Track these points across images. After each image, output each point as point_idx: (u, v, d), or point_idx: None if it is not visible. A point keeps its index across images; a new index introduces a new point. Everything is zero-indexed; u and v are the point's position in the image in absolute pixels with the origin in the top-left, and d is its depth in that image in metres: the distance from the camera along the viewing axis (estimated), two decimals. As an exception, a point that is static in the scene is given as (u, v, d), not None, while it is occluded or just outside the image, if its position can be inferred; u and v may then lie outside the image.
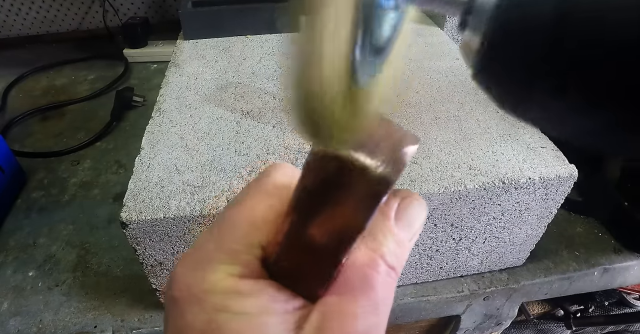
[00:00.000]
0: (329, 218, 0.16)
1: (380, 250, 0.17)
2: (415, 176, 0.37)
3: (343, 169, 0.15)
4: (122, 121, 0.72)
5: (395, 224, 0.17)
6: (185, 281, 0.16)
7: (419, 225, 0.18)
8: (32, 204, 0.57)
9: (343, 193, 0.15)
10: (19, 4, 0.95)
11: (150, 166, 0.38)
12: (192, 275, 0.16)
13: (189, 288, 0.16)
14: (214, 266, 0.16)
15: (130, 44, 0.88)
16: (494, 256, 0.46)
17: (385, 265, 0.17)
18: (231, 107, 0.46)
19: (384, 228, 0.17)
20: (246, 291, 0.15)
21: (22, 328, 0.43)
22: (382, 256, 0.17)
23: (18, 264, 0.49)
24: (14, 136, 0.70)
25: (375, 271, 0.16)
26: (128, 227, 0.34)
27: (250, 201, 0.18)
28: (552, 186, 0.39)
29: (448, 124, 0.43)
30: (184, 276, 0.16)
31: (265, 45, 0.59)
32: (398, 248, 0.17)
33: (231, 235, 0.17)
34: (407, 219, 0.18)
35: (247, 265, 0.16)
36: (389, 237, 0.17)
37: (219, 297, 0.15)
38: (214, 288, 0.15)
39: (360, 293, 0.16)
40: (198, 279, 0.16)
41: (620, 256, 0.51)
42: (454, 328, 0.56)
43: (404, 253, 0.18)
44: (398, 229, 0.17)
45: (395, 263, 0.17)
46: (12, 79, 0.83)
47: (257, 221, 0.17)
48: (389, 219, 0.17)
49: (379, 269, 0.16)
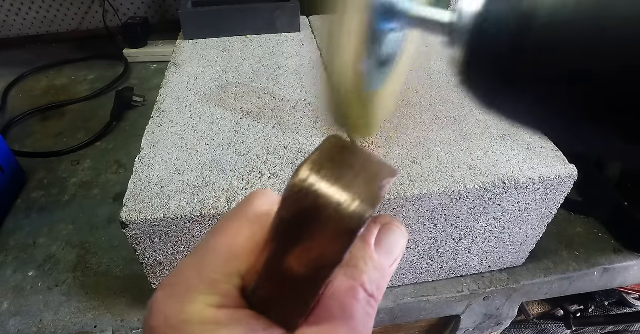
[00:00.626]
0: (306, 250, 0.15)
1: (361, 278, 0.17)
2: (415, 176, 0.37)
3: (317, 204, 0.15)
4: (122, 121, 0.72)
5: (375, 250, 0.18)
6: (164, 311, 0.16)
7: (400, 251, 0.18)
8: (32, 204, 0.57)
9: (318, 227, 0.15)
10: (19, 4, 0.95)
11: (150, 166, 0.38)
12: (171, 305, 0.16)
13: (167, 318, 0.16)
14: (192, 296, 0.16)
15: (130, 44, 0.88)
16: (494, 256, 0.46)
17: (365, 293, 0.17)
18: (231, 107, 0.46)
19: (365, 255, 0.17)
20: (224, 322, 0.15)
21: (22, 328, 0.43)
22: (362, 285, 0.17)
23: (18, 264, 0.49)
24: (14, 136, 0.70)
25: (355, 299, 0.16)
26: (128, 227, 0.34)
27: (231, 229, 0.18)
28: (552, 186, 0.39)
29: (448, 124, 0.43)
30: (162, 305, 0.16)
31: (265, 45, 0.59)
32: (379, 275, 0.17)
33: (211, 264, 0.17)
34: (387, 246, 0.18)
35: (226, 295, 0.16)
36: (370, 264, 0.17)
37: (197, 328, 0.15)
38: (192, 319, 0.15)
39: (339, 322, 0.16)
40: (176, 310, 0.16)
41: (620, 256, 0.51)
42: (454, 328, 0.56)
43: (385, 279, 0.18)
44: (379, 256, 0.18)
45: (375, 291, 0.17)
46: (12, 79, 0.83)
47: (237, 250, 0.17)
48: (369, 246, 0.18)
49: (359, 297, 0.16)
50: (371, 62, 0.16)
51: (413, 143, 0.41)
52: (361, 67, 0.16)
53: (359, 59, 0.15)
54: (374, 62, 0.17)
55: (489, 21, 0.14)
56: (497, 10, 0.14)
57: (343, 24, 0.15)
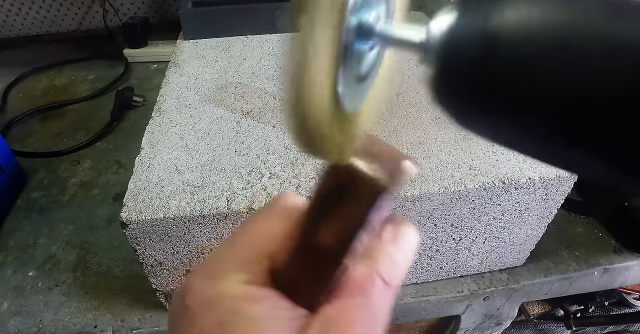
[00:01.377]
0: (336, 219, 0.18)
1: (377, 267, 0.18)
2: (415, 176, 0.37)
3: (353, 176, 0.17)
4: (122, 121, 0.72)
5: (390, 245, 0.19)
6: (199, 289, 0.18)
7: (411, 249, 0.20)
8: (32, 204, 0.57)
9: (349, 197, 0.17)
10: (19, 4, 0.95)
11: (150, 166, 0.38)
12: (205, 283, 0.18)
13: (202, 295, 0.17)
14: (225, 275, 0.18)
15: (130, 44, 0.88)
16: (494, 256, 0.46)
17: (381, 280, 0.18)
18: (231, 107, 0.46)
19: (380, 248, 0.19)
20: (255, 297, 0.17)
21: (22, 328, 0.43)
22: (378, 272, 0.18)
23: (18, 264, 0.49)
24: (14, 136, 0.70)
25: (372, 284, 0.18)
26: (128, 227, 0.34)
27: (263, 220, 0.20)
28: (552, 186, 0.39)
29: (448, 124, 0.43)
30: (197, 284, 0.18)
31: (265, 45, 0.59)
32: (393, 268, 0.19)
33: (243, 247, 0.19)
34: (401, 243, 0.20)
35: (255, 273, 0.18)
36: (385, 256, 0.19)
37: (229, 302, 0.17)
38: (225, 294, 0.17)
39: (358, 303, 0.17)
40: (210, 287, 0.17)
41: (620, 256, 0.51)
42: (454, 328, 0.56)
43: (398, 273, 0.19)
44: (393, 250, 0.19)
45: (390, 280, 0.18)
46: (12, 79, 0.83)
47: (267, 235, 0.19)
48: (385, 241, 0.19)
49: (375, 282, 0.18)
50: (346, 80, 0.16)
51: (413, 143, 0.41)
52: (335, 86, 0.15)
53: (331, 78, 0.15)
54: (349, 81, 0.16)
55: (454, 41, 0.14)
56: (463, 30, 0.14)
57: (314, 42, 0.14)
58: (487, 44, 0.14)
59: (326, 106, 0.15)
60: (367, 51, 0.17)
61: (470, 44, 0.14)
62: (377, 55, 0.18)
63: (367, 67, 0.18)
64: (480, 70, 0.14)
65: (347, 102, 0.16)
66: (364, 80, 0.18)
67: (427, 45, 0.15)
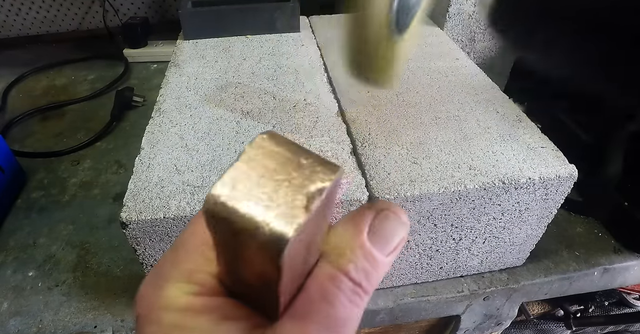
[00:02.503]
0: (248, 265, 0.14)
1: (345, 266, 0.16)
2: (415, 176, 0.37)
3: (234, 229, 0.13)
4: (122, 121, 0.72)
5: (368, 238, 0.16)
6: (146, 299, 0.16)
7: (398, 241, 0.17)
8: (32, 204, 0.57)
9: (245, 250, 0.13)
10: (19, 4, 0.95)
11: (150, 166, 0.38)
12: (152, 292, 0.16)
13: (149, 306, 0.16)
14: (170, 285, 0.16)
15: (130, 44, 0.88)
16: (494, 256, 0.46)
17: (350, 282, 0.16)
18: (231, 107, 0.46)
19: (354, 243, 0.16)
20: (200, 309, 0.15)
21: (22, 328, 0.43)
22: (347, 273, 0.16)
23: (18, 264, 0.49)
24: (14, 136, 0.70)
25: (337, 287, 0.15)
26: (128, 227, 0.34)
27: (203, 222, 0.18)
28: (552, 186, 0.39)
29: (448, 124, 0.43)
30: (145, 294, 0.17)
31: (265, 45, 0.59)
32: (369, 265, 0.16)
33: (186, 254, 0.17)
34: (382, 234, 0.16)
35: (201, 283, 0.16)
36: (358, 252, 0.16)
37: (174, 314, 0.15)
38: (169, 305, 0.16)
39: (319, 310, 0.15)
40: (156, 298, 0.16)
41: (620, 256, 0.51)
42: (454, 328, 0.56)
43: (378, 271, 0.16)
44: (372, 244, 0.16)
45: (364, 280, 0.16)
46: (12, 79, 0.83)
47: (209, 240, 0.16)
48: (361, 233, 0.16)
49: (341, 286, 0.15)
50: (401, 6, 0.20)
51: (413, 143, 0.41)
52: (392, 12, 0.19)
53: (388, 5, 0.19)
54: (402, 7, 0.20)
55: None
56: None
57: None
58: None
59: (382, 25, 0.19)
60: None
61: None
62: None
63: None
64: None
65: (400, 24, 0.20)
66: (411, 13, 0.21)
67: None
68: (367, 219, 0.17)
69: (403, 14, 0.21)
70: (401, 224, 0.17)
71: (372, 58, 0.19)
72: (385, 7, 0.19)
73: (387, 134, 0.42)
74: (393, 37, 0.21)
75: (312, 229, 0.14)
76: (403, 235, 0.17)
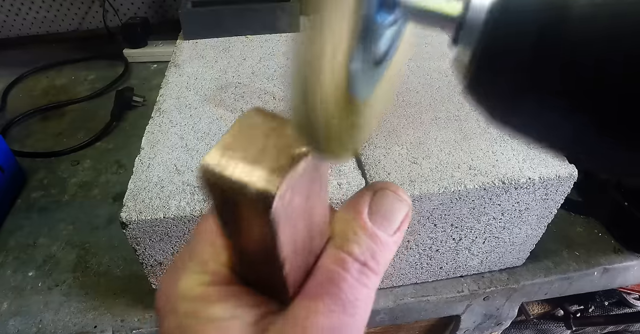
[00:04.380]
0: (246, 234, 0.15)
1: (348, 247, 0.16)
2: (415, 176, 0.37)
3: (229, 189, 0.13)
4: (122, 121, 0.72)
5: (368, 218, 0.16)
6: (164, 292, 0.17)
7: (401, 218, 0.17)
8: (32, 204, 0.57)
9: (241, 210, 0.14)
10: (19, 4, 0.95)
11: (150, 166, 0.38)
12: (170, 284, 0.17)
13: (168, 298, 0.17)
14: (186, 276, 0.16)
15: (130, 44, 0.88)
16: (494, 256, 0.46)
17: (356, 263, 0.16)
18: (231, 107, 0.46)
19: (355, 224, 0.16)
20: (214, 298, 0.16)
21: (22, 328, 0.43)
22: (351, 254, 0.16)
23: (18, 264, 0.49)
24: (14, 136, 0.70)
25: (342, 268, 0.16)
26: (128, 227, 0.34)
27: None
28: (552, 186, 0.39)
29: (448, 124, 0.43)
30: (163, 288, 0.17)
31: (265, 45, 0.59)
32: (373, 244, 0.16)
33: (200, 245, 0.17)
34: (382, 213, 0.16)
35: (216, 273, 0.17)
36: (360, 233, 0.16)
37: (189, 304, 0.16)
38: (185, 296, 0.16)
39: (325, 293, 0.15)
40: (173, 288, 0.16)
41: (620, 256, 0.51)
42: (454, 328, 0.56)
43: (384, 250, 0.16)
44: (373, 224, 0.16)
45: (370, 260, 0.16)
46: (12, 79, 0.83)
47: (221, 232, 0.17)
48: (360, 214, 0.16)
49: (347, 266, 0.16)
50: (363, 60, 0.14)
51: (413, 143, 0.41)
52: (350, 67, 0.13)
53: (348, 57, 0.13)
54: (366, 61, 0.14)
55: (510, 12, 0.12)
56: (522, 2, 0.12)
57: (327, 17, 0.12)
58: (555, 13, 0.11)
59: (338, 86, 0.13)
60: (386, 27, 0.15)
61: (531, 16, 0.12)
62: (395, 34, 0.16)
63: (384, 49, 0.15)
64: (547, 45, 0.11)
65: (359, 87, 0.14)
66: (377, 65, 0.15)
67: (469, 19, 0.13)
68: (366, 199, 0.17)
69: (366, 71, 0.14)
70: (400, 201, 0.17)
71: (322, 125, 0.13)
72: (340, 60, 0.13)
73: (387, 134, 0.42)
74: (352, 100, 0.14)
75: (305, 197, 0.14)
76: (405, 212, 0.17)
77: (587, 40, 0.11)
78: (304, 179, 0.14)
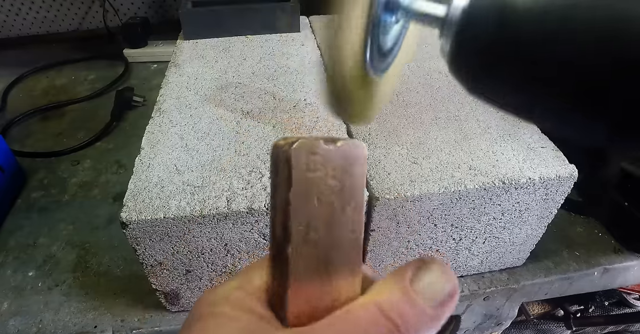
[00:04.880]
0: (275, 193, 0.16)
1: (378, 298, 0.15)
2: (415, 176, 0.37)
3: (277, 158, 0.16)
4: (122, 121, 0.72)
5: (410, 283, 0.16)
6: (205, 296, 0.18)
7: (443, 295, 0.16)
8: (32, 204, 0.57)
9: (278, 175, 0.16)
10: (19, 4, 0.95)
11: (150, 166, 0.38)
12: (210, 292, 0.18)
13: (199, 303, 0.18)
14: (224, 286, 0.18)
15: (130, 44, 0.88)
16: (494, 256, 0.46)
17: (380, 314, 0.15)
18: (231, 107, 0.46)
19: (394, 286, 0.16)
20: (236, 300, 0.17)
21: (22, 328, 0.43)
22: (378, 304, 0.15)
23: (18, 264, 0.49)
24: (14, 136, 0.70)
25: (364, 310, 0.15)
26: (128, 227, 0.34)
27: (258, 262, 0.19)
28: (552, 186, 0.39)
29: (448, 124, 0.43)
30: (205, 293, 0.18)
31: (265, 45, 0.59)
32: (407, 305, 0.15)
33: (247, 268, 0.19)
34: (423, 285, 0.16)
35: (252, 292, 0.17)
36: (397, 291, 0.15)
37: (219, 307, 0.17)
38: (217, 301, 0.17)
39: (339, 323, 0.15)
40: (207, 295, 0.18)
41: (620, 256, 0.51)
42: (454, 328, 0.56)
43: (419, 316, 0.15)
44: (412, 287, 0.16)
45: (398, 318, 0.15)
46: (12, 79, 0.83)
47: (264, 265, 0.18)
48: (404, 280, 0.16)
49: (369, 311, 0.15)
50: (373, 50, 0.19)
51: (413, 143, 0.41)
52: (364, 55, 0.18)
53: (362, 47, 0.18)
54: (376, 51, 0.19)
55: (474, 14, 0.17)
56: (481, 4, 0.16)
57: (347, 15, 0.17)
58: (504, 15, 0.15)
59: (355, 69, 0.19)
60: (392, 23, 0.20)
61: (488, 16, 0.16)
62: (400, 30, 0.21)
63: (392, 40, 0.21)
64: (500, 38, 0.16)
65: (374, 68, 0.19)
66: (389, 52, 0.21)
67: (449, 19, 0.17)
68: (411, 268, 0.16)
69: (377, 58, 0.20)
70: (443, 277, 0.16)
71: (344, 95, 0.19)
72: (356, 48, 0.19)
73: (387, 133, 0.42)
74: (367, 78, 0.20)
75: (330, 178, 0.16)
76: (449, 290, 0.16)
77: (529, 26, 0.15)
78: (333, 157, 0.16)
